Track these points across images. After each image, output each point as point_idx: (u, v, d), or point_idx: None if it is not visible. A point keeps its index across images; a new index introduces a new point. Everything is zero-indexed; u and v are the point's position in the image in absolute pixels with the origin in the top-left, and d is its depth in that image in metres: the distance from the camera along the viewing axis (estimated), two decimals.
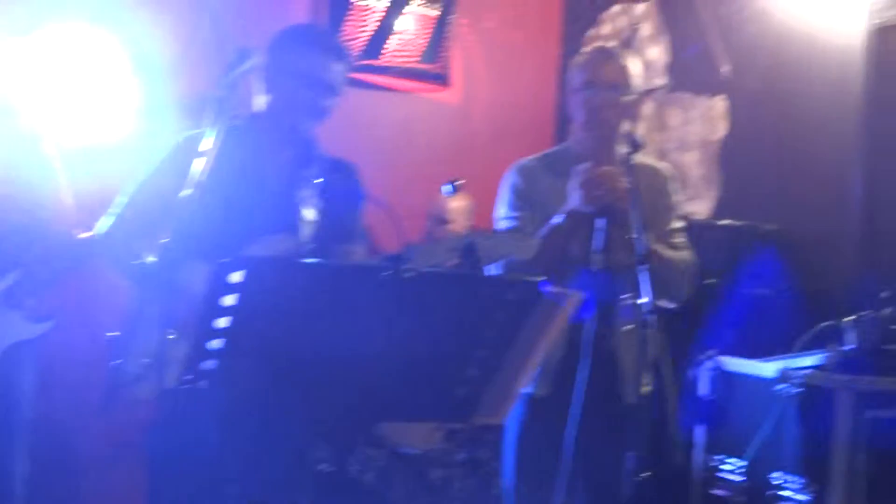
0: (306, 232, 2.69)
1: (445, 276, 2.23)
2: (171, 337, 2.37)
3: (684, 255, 3.05)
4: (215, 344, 1.94)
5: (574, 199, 2.86)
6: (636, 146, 2.86)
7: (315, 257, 2.67)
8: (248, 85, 2.71)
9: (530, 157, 3.17)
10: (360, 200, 2.87)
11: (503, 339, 2.12)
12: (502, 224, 3.08)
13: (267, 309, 1.93)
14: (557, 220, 2.90)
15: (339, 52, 2.86)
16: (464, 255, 2.53)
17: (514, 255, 2.65)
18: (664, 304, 2.93)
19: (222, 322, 1.92)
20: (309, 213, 2.70)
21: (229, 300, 1.90)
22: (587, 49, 3.25)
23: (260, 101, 2.83)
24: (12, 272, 3.49)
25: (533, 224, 2.99)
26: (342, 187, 2.84)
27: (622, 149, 2.93)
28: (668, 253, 3.01)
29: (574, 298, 2.15)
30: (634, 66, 3.08)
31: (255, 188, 2.74)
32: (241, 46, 2.59)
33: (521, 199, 3.05)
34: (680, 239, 3.10)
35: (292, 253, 2.65)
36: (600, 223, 2.83)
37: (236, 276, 1.87)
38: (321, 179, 2.78)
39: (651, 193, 3.00)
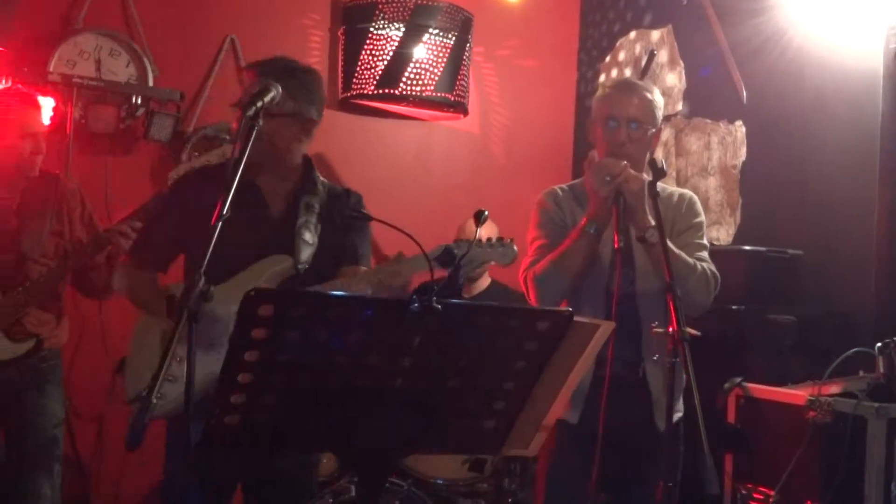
0: (305, 254, 2.83)
1: (476, 307, 2.20)
2: (178, 360, 2.51)
3: (705, 264, 3.03)
4: (244, 378, 1.92)
5: (589, 189, 2.94)
6: (659, 173, 2.85)
7: (313, 277, 2.82)
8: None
9: (560, 185, 3.24)
10: (363, 226, 2.96)
11: (533, 370, 2.10)
12: (534, 244, 3.12)
13: (295, 342, 1.91)
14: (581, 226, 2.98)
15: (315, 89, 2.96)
16: (443, 260, 2.59)
17: (496, 262, 2.81)
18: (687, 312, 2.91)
19: (251, 355, 1.90)
20: (308, 237, 2.84)
21: (258, 333, 1.88)
22: (609, 81, 3.25)
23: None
24: None
25: (558, 241, 3.05)
26: (342, 214, 2.95)
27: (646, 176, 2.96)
28: (687, 257, 2.99)
29: (606, 327, 2.12)
30: (657, 99, 3.09)
31: (257, 215, 2.89)
32: (265, 79, 2.60)
33: (551, 222, 3.13)
34: (701, 253, 3.09)
35: (288, 271, 2.82)
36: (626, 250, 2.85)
37: (265, 310, 1.86)
38: (317, 206, 2.93)
39: (669, 217, 3.02)
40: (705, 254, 3.11)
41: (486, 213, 2.38)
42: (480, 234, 2.47)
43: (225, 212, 2.22)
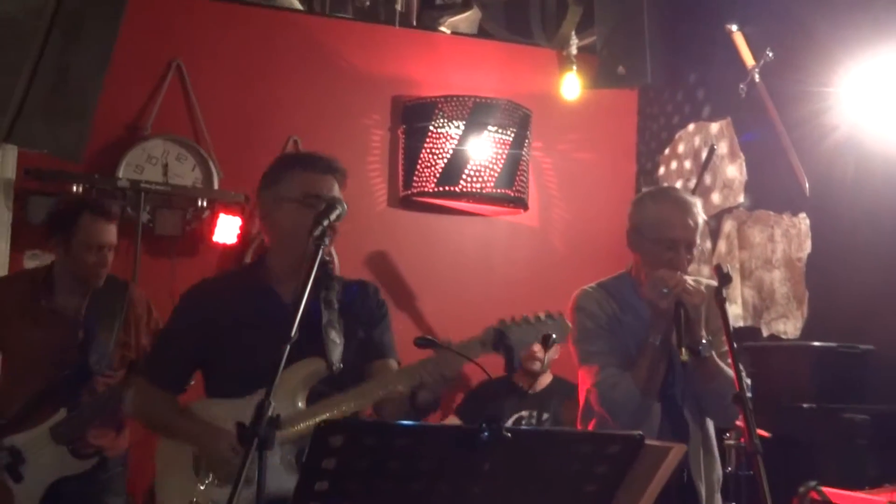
0: (336, 354, 2.72)
1: (545, 434, 2.18)
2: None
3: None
4: None
5: (649, 303, 2.92)
6: (725, 279, 2.83)
7: (344, 378, 2.70)
8: None
9: (589, 286, 3.21)
10: (385, 318, 2.91)
11: (605, 494, 2.06)
12: (593, 358, 3.06)
13: (365, 471, 1.90)
14: (646, 339, 2.95)
15: (336, 169, 2.85)
16: (496, 344, 2.53)
17: (551, 333, 2.65)
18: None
19: (321, 485, 1.90)
20: (334, 336, 2.74)
21: (328, 463, 1.88)
22: (655, 195, 3.21)
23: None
24: (63, 409, 3.63)
25: (614, 347, 3.04)
26: (362, 307, 2.89)
27: (711, 282, 2.95)
28: (727, 370, 2.98)
29: (678, 450, 2.09)
30: (702, 211, 3.12)
31: (276, 316, 2.69)
32: (330, 196, 2.64)
33: (599, 329, 3.09)
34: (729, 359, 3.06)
35: (321, 373, 2.69)
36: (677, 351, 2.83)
37: (336, 440, 1.86)
38: (336, 302, 2.82)
39: (707, 313, 3.02)
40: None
41: (554, 336, 2.37)
42: (547, 357, 2.46)
43: (293, 334, 2.22)
